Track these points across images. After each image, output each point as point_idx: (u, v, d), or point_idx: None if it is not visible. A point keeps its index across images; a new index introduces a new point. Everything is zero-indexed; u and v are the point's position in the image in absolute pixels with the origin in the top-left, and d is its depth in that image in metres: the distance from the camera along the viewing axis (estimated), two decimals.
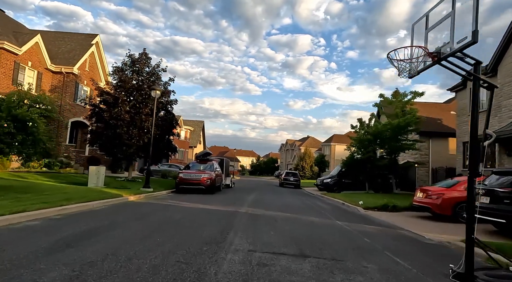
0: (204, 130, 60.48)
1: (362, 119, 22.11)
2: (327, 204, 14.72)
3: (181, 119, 45.49)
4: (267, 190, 24.62)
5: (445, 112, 24.59)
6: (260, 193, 19.39)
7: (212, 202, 12.08)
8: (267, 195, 18.12)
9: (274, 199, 15.58)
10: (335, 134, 65.43)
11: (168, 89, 19.12)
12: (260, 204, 12.45)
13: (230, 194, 16.87)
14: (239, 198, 14.50)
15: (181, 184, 15.79)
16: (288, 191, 24.78)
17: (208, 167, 17.43)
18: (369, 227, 8.23)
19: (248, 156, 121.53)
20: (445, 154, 22.83)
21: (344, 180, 23.17)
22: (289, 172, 33.65)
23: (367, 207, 12.73)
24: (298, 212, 10.50)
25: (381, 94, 21.86)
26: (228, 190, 20.45)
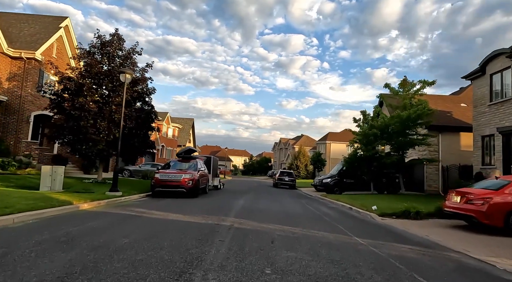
0: (194, 129, 57.80)
1: (365, 111, 19.83)
2: (332, 209, 12.31)
3: (168, 116, 42.77)
4: (260, 191, 22.17)
5: (454, 105, 22.48)
6: (252, 196, 16.92)
7: (191, 209, 9.56)
8: (261, 198, 15.65)
9: (269, 203, 13.13)
10: (330, 132, 63.38)
11: (145, 76, 16.51)
12: (252, 211, 9.96)
13: (216, 198, 14.37)
14: (227, 203, 12.00)
15: (157, 186, 13.23)
16: (284, 193, 22.36)
17: (191, 166, 14.89)
18: (404, 247, 5.83)
19: (241, 155, 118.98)
20: (456, 150, 20.68)
21: (345, 180, 20.85)
22: (284, 171, 31.25)
23: (383, 213, 10.36)
24: (301, 223, 8.05)
25: (386, 84, 19.57)
26: (216, 192, 17.93)
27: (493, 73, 15.88)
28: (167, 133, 43.48)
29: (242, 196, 16.08)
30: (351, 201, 14.22)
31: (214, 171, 21.01)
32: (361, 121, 19.76)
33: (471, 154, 20.73)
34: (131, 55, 16.14)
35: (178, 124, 47.34)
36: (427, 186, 20.74)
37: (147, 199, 12.48)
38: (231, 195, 16.51)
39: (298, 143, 69.77)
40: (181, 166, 14.97)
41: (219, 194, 16.86)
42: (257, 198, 15.85)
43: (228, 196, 16.07)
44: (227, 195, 16.77)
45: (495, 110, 15.58)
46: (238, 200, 13.46)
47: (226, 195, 16.40)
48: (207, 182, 16.84)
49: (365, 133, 18.01)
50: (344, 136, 61.52)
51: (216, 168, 21.76)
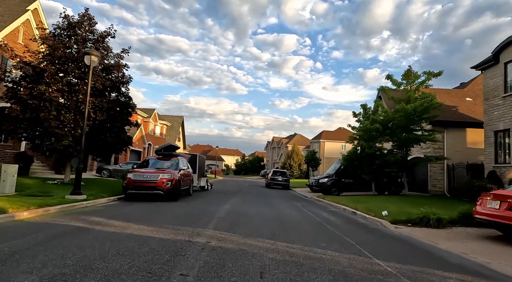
0: (184, 126, 55.63)
1: (366, 105, 18.18)
2: (333, 214, 10.57)
3: (155, 113, 40.66)
4: (251, 192, 20.38)
5: (459, 99, 21.03)
6: (241, 198, 15.10)
7: (163, 217, 7.71)
8: (251, 201, 13.85)
9: (260, 207, 11.32)
10: (324, 130, 61.94)
11: (121, 62, 14.56)
12: (238, 219, 8.14)
13: (200, 201, 12.52)
14: (209, 208, 10.16)
15: (129, 188, 11.33)
16: (277, 194, 20.61)
17: (172, 165, 13.02)
18: (451, 278, 4.08)
19: (233, 154, 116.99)
20: (462, 147, 19.19)
21: (344, 180, 19.19)
22: (277, 171, 29.50)
23: (395, 219, 8.66)
24: (300, 237, 6.28)
25: (388, 76, 17.97)
26: (202, 194, 16.08)
27: (508, 62, 14.37)
28: (154, 131, 41.36)
29: (230, 198, 14.26)
30: (353, 203, 12.53)
31: (201, 170, 19.14)
32: (361, 116, 18.12)
33: (479, 151, 19.27)
34: (104, 39, 14.16)
35: (166, 122, 45.21)
36: (431, 186, 19.21)
37: (117, 203, 10.58)
38: (218, 197, 14.67)
39: (291, 142, 68.15)
40: (161, 165, 13.08)
41: (205, 196, 15.01)
42: (246, 200, 14.05)
43: (214, 198, 14.23)
44: (213, 197, 14.93)
45: (510, 103, 14.08)
46: (224, 204, 11.62)
47: (212, 197, 14.56)
48: (191, 183, 14.98)
49: (366, 129, 16.34)
50: (338, 135, 60.16)
51: (203, 167, 19.90)
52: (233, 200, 13.73)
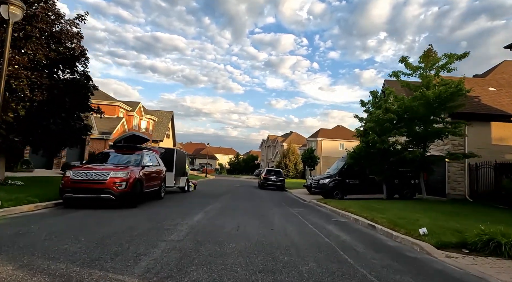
0: (174, 122, 52.49)
1: (376, 92, 15.31)
2: (345, 230, 7.65)
3: (140, 106, 37.53)
4: (240, 194, 17.46)
5: (481, 89, 18.31)
6: (224, 203, 12.17)
7: (76, 243, 4.75)
8: (235, 208, 10.92)
9: (244, 219, 8.36)
10: (322, 128, 59.19)
11: (73, 31, 11.54)
12: (201, 247, 5.18)
13: (166, 207, 9.54)
14: (169, 220, 7.18)
15: (67, 191, 8.34)
16: (270, 196, 17.71)
17: (132, 160, 10.06)
18: None
19: (228, 153, 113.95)
20: (486, 144, 16.46)
21: (348, 181, 16.33)
22: (271, 170, 26.56)
23: (441, 242, 5.80)
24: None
25: (402, 58, 15.16)
26: (177, 197, 13.14)
27: None
28: (139, 126, 38.22)
29: (209, 203, 11.32)
30: (366, 211, 9.68)
31: (181, 169, 16.17)
32: (371, 105, 15.26)
33: (506, 149, 16.59)
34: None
35: (153, 117, 42.06)
36: (450, 189, 16.44)
37: (45, 211, 7.61)
38: (195, 202, 11.73)
39: (287, 140, 65.28)
40: (118, 160, 10.12)
41: (179, 200, 12.06)
42: (230, 206, 11.11)
43: (189, 203, 11.28)
44: (189, 201, 11.98)
45: None
46: (196, 213, 8.65)
47: (187, 202, 11.61)
48: (162, 183, 12.03)
49: (378, 119, 13.47)
50: (336, 133, 57.47)
51: (184, 165, 16.93)
52: (212, 205, 10.79)
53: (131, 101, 38.06)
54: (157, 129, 46.96)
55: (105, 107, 33.04)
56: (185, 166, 17.26)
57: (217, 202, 12.01)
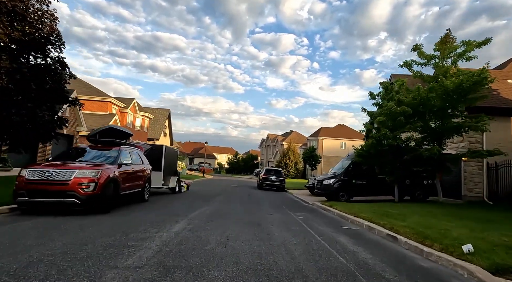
0: (171, 120, 50.95)
1: (387, 83, 13.82)
2: (362, 244, 6.14)
3: (134, 103, 36.05)
4: (236, 196, 15.99)
5: (500, 82, 16.83)
6: (216, 206, 10.68)
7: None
8: (228, 213, 9.45)
9: (236, 230, 6.88)
10: (323, 127, 57.71)
11: (43, 9, 10.07)
12: (172, 276, 3.71)
13: (145, 213, 8.04)
14: (139, 232, 5.71)
15: (21, 194, 6.86)
16: (269, 198, 16.25)
17: (108, 158, 8.59)
18: None
19: (227, 153, 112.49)
20: (506, 141, 15.01)
21: (355, 181, 14.86)
22: (271, 169, 25.06)
23: (496, 264, 4.32)
24: None
25: (416, 46, 13.71)
26: (164, 199, 11.67)
27: None
28: (133, 123, 36.72)
29: (198, 207, 9.84)
30: (381, 218, 8.23)
31: (171, 168, 14.71)
32: (381, 97, 13.78)
33: None
34: None
35: (148, 114, 40.53)
36: (467, 191, 14.97)
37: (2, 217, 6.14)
38: (183, 205, 10.26)
39: (287, 139, 63.81)
40: (92, 156, 8.66)
41: (165, 203, 10.59)
42: (222, 211, 9.64)
43: (175, 206, 9.81)
44: (176, 204, 10.51)
45: None
46: (179, 220, 7.16)
47: (173, 205, 10.14)
48: (146, 184, 10.57)
49: (390, 112, 11.99)
50: (338, 132, 56.01)
51: (174, 164, 15.47)
52: (201, 210, 9.31)
53: (125, 97, 36.56)
54: (153, 127, 45.47)
55: (97, 103, 31.65)
56: (176, 164, 15.80)
57: (207, 205, 10.53)
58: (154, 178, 12.77)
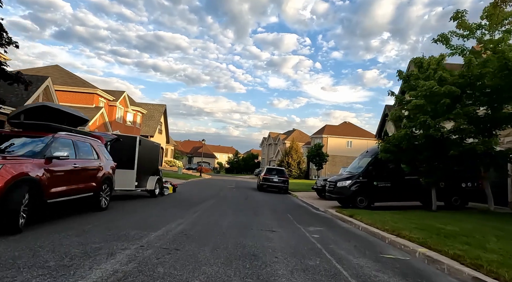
0: (167, 117, 48.14)
1: (423, 58, 10.87)
2: None
3: (125, 96, 33.25)
4: (231, 199, 13.16)
5: None
6: (198, 217, 7.78)
7: None
8: (210, 231, 6.57)
9: (216, 268, 4.05)
10: (328, 124, 54.86)
11: None
12: None
13: (75, 234, 5.11)
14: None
15: None
16: (271, 202, 13.42)
17: (29, 148, 5.77)
18: None
19: (227, 152, 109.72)
20: None
21: (377, 183, 11.99)
22: (272, 169, 22.13)
23: None
24: None
25: (456, 15, 10.83)
26: (131, 207, 8.81)
27: None
28: (124, 118, 33.93)
29: (171, 220, 6.96)
30: (438, 239, 5.41)
31: (148, 165, 11.89)
32: (411, 78, 10.83)
33: None
34: None
35: (141, 109, 37.69)
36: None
37: None
38: (150, 217, 7.39)
39: (289, 138, 60.92)
40: (4, 146, 5.84)
41: (128, 212, 7.73)
42: (200, 226, 6.77)
43: (135, 219, 6.92)
44: (143, 215, 7.64)
45: None
46: (115, 253, 4.29)
47: (134, 216, 7.26)
48: (104, 186, 7.72)
49: (431, 93, 9.07)
50: (343, 130, 53.09)
51: (154, 160, 12.65)
52: (171, 225, 6.42)
53: (114, 90, 33.78)
54: (147, 123, 42.73)
55: (81, 95, 28.83)
56: (157, 161, 12.97)
57: (185, 216, 7.67)
58: (123, 178, 9.97)
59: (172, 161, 52.36)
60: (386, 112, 25.65)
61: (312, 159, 28.03)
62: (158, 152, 13.06)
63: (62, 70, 29.94)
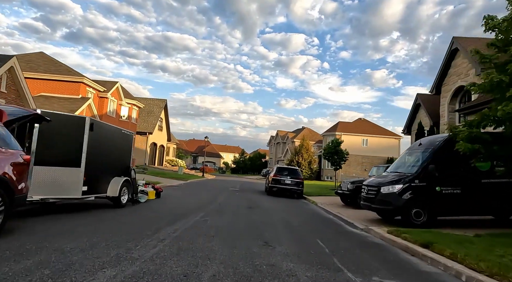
0: (168, 113, 44.79)
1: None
2: None
3: (118, 87, 29.90)
4: (229, 209, 9.50)
5: None
6: (152, 259, 4.15)
7: None
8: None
9: None
10: (341, 121, 50.83)
11: None
12: None
13: None
14: None
15: None
16: (285, 214, 9.70)
17: None
18: None
19: (234, 152, 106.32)
20: None
21: (441, 189, 8.20)
22: (284, 168, 18.26)
23: None
24: None
25: None
26: (54, 225, 5.18)
27: None
28: (117, 112, 30.57)
29: (93, 270, 3.37)
30: None
31: (111, 161, 8.31)
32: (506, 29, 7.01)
33: None
34: None
35: (136, 102, 34.30)
36: None
37: None
38: (71, 256, 3.77)
39: (299, 136, 57.04)
40: None
41: (34, 242, 4.12)
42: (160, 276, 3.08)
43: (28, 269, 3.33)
44: (60, 248, 4.03)
45: None
46: None
47: (32, 262, 3.65)
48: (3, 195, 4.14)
49: None
50: (358, 127, 49.02)
51: (123, 155, 9.04)
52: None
53: (105, 80, 30.48)
54: (146, 119, 39.42)
55: (66, 84, 25.38)
56: (128, 157, 9.37)
57: (121, 264, 4.00)
58: (61, 180, 6.43)
59: (174, 160, 49.06)
60: (418, 102, 21.74)
61: (329, 157, 24.13)
62: (129, 143, 9.44)
63: (46, 57, 26.71)
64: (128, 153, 9.41)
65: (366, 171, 48.96)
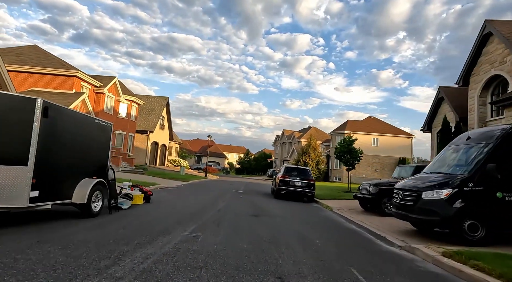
0: (170, 111, 43.10)
1: None
2: None
3: (115, 83, 28.23)
4: (230, 217, 7.68)
5: None
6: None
7: None
8: None
9: None
10: (350, 120, 48.75)
11: None
12: None
13: None
14: None
15: None
16: (298, 226, 7.84)
17: None
18: None
19: (238, 152, 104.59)
20: None
21: (506, 196, 6.29)
22: (294, 168, 16.29)
23: None
24: None
25: None
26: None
27: None
28: (115, 109, 28.91)
29: None
30: None
31: (79, 158, 6.54)
32: None
33: None
34: None
35: (135, 98, 32.62)
36: None
37: None
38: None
39: (305, 136, 55.07)
40: None
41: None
42: None
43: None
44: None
45: None
46: None
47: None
48: None
49: None
50: (368, 126, 46.93)
51: (96, 151, 7.28)
52: None
53: (102, 75, 28.84)
54: (147, 117, 37.78)
55: (58, 78, 23.67)
56: (106, 153, 7.59)
57: None
58: (7, 180, 4.66)
59: (176, 160, 47.38)
60: (440, 96, 19.70)
61: (341, 156, 22.16)
62: (106, 136, 7.63)
63: (39, 50, 25.18)
64: (105, 148, 7.62)
65: (377, 171, 46.82)
